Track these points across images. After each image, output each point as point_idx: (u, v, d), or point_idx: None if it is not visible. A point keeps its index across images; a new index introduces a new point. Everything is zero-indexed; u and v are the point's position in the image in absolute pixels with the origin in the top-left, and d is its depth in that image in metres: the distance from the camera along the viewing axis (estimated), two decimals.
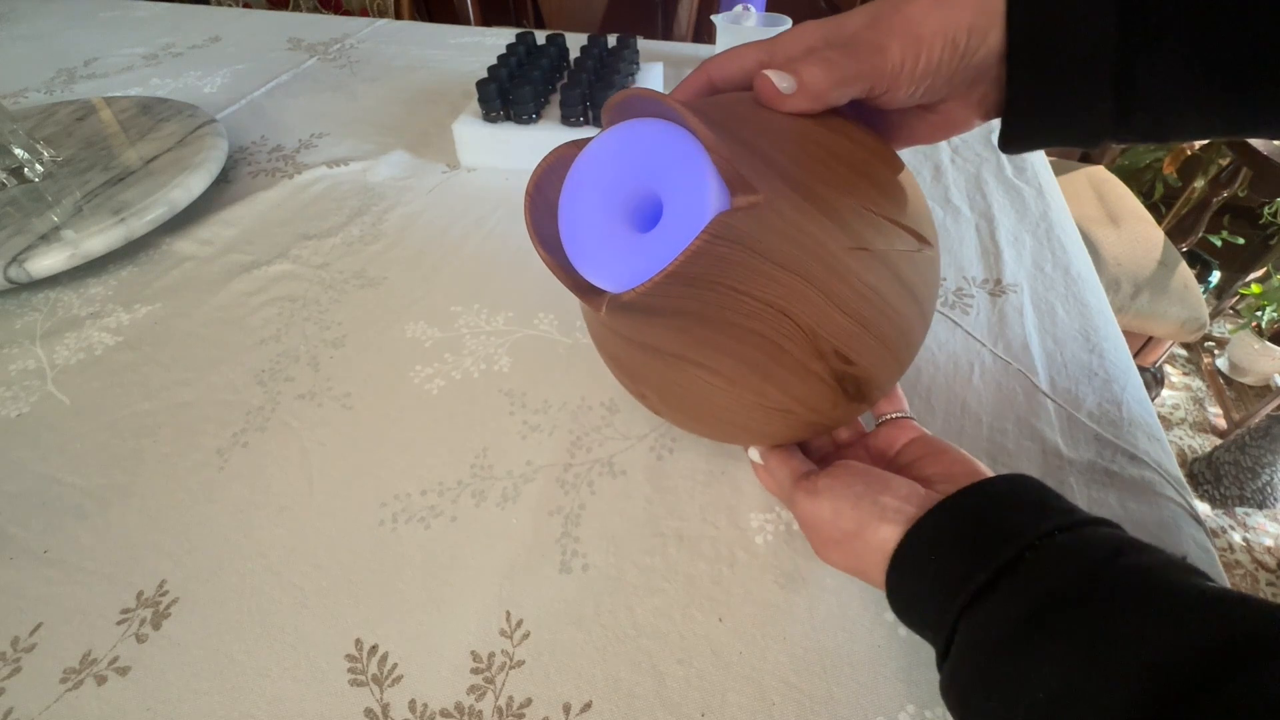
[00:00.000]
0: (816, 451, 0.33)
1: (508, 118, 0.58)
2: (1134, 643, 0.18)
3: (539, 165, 0.25)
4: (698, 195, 0.21)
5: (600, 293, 0.24)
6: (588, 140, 0.25)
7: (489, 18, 1.48)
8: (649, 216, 0.23)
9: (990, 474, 0.26)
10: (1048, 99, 0.24)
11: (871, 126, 0.27)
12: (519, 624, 0.29)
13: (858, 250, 0.24)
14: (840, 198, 0.24)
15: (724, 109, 0.25)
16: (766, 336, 0.24)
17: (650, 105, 0.23)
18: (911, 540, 0.24)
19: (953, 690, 0.22)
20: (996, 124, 0.26)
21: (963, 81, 0.25)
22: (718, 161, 0.21)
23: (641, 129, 0.23)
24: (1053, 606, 0.19)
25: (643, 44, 0.76)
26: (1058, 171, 1.14)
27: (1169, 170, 1.49)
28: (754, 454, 0.32)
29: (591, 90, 0.57)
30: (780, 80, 0.24)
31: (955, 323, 0.43)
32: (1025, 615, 0.20)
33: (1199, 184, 1.39)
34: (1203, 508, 1.33)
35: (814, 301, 0.23)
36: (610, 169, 0.24)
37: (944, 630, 0.22)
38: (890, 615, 0.29)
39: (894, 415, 0.32)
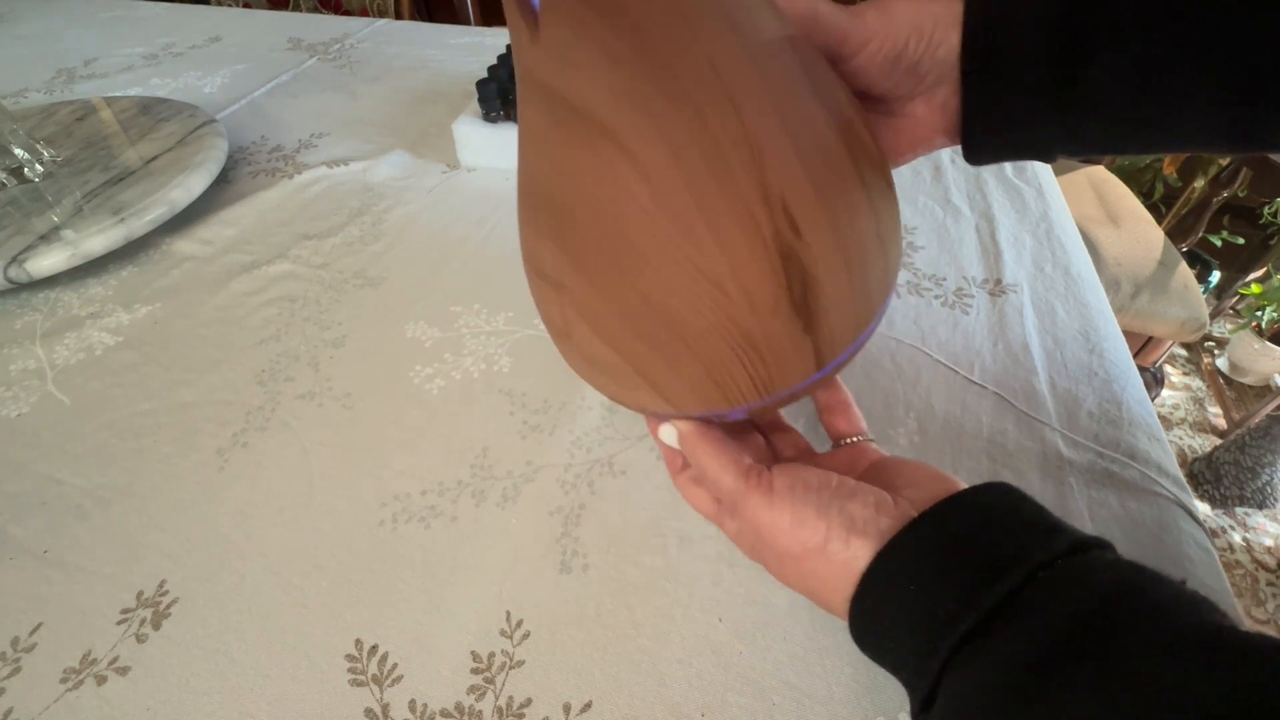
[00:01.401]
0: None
1: (508, 118, 0.58)
2: (1163, 698, 0.15)
3: None
4: None
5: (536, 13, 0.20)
6: None
7: (489, 18, 1.48)
8: None
9: (962, 485, 0.23)
10: (998, 103, 0.25)
11: None
12: (519, 624, 0.29)
13: (831, 111, 0.22)
14: (822, 74, 0.22)
15: None
16: (708, 126, 0.20)
17: None
18: (885, 563, 0.20)
19: None
20: None
21: (928, 76, 0.25)
22: None
23: None
24: (1064, 654, 0.16)
25: None
26: (1058, 172, 1.14)
27: (1169, 170, 1.49)
28: (668, 433, 0.25)
29: None
30: None
31: (926, 352, 0.43)
32: (1031, 664, 0.17)
33: (1199, 184, 1.39)
34: (1203, 508, 1.33)
35: (767, 112, 0.20)
36: None
37: (925, 678, 0.19)
38: None
39: (854, 439, 0.28)
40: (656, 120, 0.20)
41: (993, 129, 0.26)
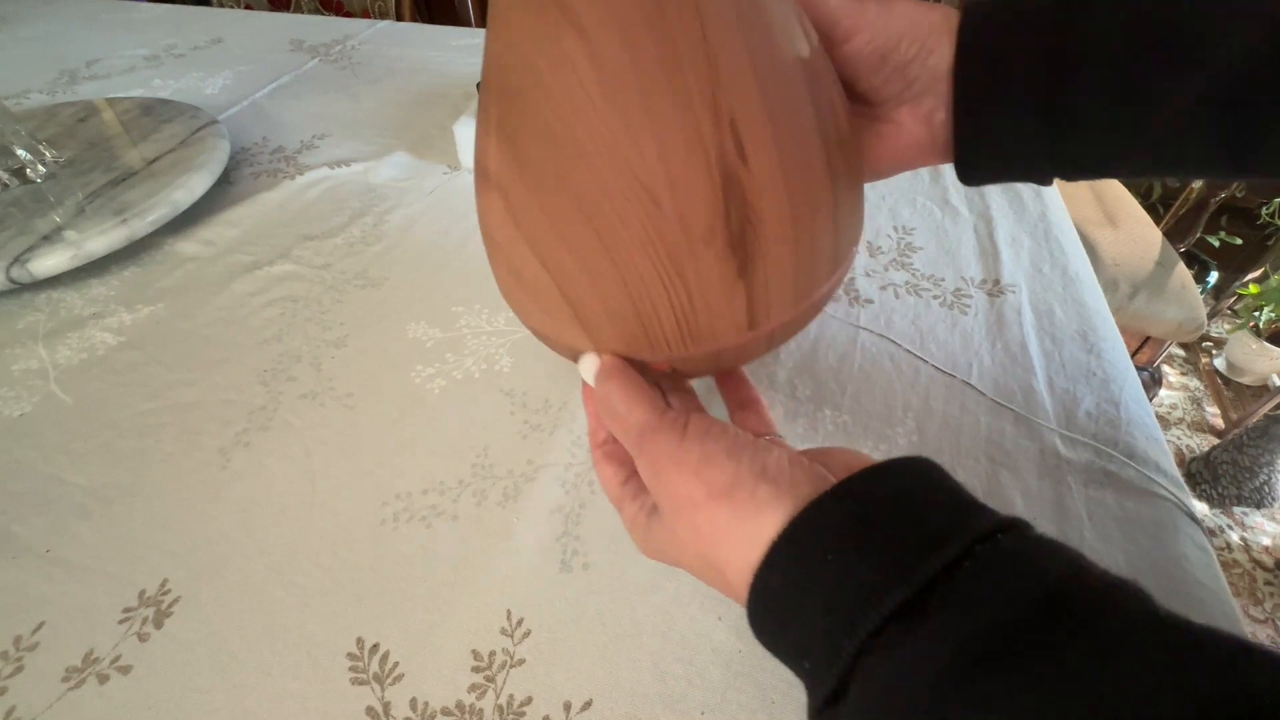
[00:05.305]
0: None
1: None
2: (1123, 699, 0.13)
3: None
4: None
5: None
6: None
7: None
8: None
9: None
10: (986, 119, 0.25)
11: None
12: (520, 622, 0.29)
13: (799, 59, 0.22)
14: (802, 39, 0.22)
15: None
16: (667, 18, 0.19)
17: None
18: (801, 528, 0.18)
19: None
20: None
21: (916, 82, 0.26)
22: None
23: None
24: (1009, 643, 0.14)
25: None
26: None
27: None
28: (587, 367, 0.24)
29: None
30: None
31: (887, 336, 0.43)
32: (972, 654, 0.14)
33: (1197, 184, 1.39)
34: (1200, 507, 1.33)
35: (730, 26, 0.20)
36: None
37: (835, 664, 0.16)
38: None
39: (765, 438, 0.26)
40: (619, 13, 0.19)
41: (982, 145, 0.26)
